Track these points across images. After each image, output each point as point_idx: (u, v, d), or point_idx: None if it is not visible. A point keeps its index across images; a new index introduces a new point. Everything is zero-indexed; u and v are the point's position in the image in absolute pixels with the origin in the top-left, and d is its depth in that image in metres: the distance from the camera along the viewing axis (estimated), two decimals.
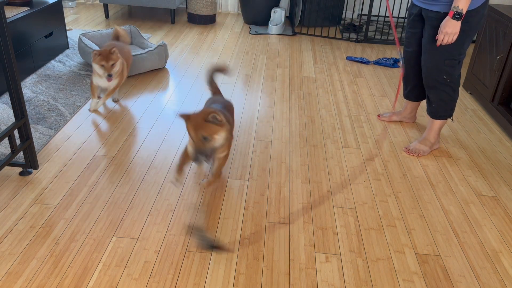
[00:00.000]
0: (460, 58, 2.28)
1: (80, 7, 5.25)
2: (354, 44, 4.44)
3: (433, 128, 2.48)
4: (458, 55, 2.26)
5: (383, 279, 1.65)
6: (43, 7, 3.31)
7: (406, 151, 2.49)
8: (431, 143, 2.49)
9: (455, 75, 2.32)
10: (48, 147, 2.36)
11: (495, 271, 1.72)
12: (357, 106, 3.04)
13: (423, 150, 2.47)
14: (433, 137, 2.49)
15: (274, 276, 1.63)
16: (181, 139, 2.49)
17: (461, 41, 2.22)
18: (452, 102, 2.40)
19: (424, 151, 2.47)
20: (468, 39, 2.23)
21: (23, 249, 1.68)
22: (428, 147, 2.48)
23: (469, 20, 2.17)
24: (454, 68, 2.30)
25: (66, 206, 1.92)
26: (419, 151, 2.47)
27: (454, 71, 2.31)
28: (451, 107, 2.42)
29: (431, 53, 2.30)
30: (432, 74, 2.34)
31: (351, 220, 1.94)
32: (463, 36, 2.20)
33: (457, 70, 2.31)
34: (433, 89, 2.39)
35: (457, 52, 2.25)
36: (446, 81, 2.33)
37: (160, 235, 1.79)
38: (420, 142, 2.50)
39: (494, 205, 2.10)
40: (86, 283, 1.55)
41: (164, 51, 3.41)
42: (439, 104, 2.41)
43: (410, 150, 2.49)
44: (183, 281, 1.58)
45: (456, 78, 2.34)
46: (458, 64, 2.30)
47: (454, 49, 2.24)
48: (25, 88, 2.99)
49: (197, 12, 4.74)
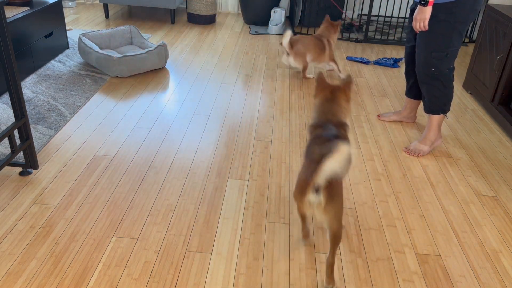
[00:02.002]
0: (448, 51, 2.28)
1: (80, 7, 5.25)
2: (354, 44, 4.44)
3: (431, 124, 2.49)
4: (445, 48, 2.27)
5: (383, 279, 1.65)
6: (43, 7, 3.31)
7: (406, 152, 2.49)
8: (431, 141, 2.49)
9: (443, 69, 2.33)
10: (48, 147, 2.36)
11: (495, 271, 1.72)
12: (357, 106, 3.04)
13: (423, 150, 2.47)
14: (432, 134, 2.49)
15: (274, 276, 1.63)
16: (181, 139, 2.50)
17: (448, 33, 2.23)
18: (444, 97, 2.41)
19: (424, 151, 2.47)
20: (455, 31, 2.23)
21: (23, 249, 1.68)
22: (428, 146, 2.49)
23: (453, 11, 2.18)
24: (441, 61, 2.31)
25: (66, 206, 1.92)
26: (419, 151, 2.47)
27: (442, 64, 2.31)
28: (444, 103, 2.43)
29: (420, 46, 2.34)
30: (422, 67, 2.37)
31: (351, 220, 1.94)
32: (449, 27, 2.22)
33: (445, 63, 2.31)
34: (424, 84, 2.41)
35: (444, 44, 2.26)
36: (434, 74, 2.34)
37: (160, 235, 1.79)
38: (420, 142, 2.51)
39: (494, 205, 2.10)
40: (86, 283, 1.55)
41: (164, 51, 3.41)
42: (431, 99, 2.43)
43: (410, 150, 2.49)
44: (183, 281, 1.58)
45: (446, 73, 2.34)
46: (446, 57, 2.30)
47: (440, 41, 2.26)
48: (25, 88, 2.99)
49: (197, 12, 4.74)
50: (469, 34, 4.73)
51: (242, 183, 2.15)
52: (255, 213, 1.95)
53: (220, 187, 2.11)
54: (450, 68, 2.34)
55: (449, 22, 2.20)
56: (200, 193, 2.06)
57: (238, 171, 2.24)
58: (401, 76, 3.64)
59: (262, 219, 1.92)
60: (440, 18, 2.21)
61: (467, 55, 4.26)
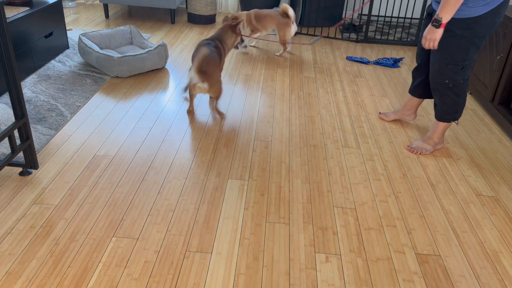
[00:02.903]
0: (464, 64, 2.23)
1: (80, 7, 5.25)
2: (354, 44, 4.44)
3: (437, 129, 2.48)
4: (462, 61, 2.22)
5: (383, 279, 1.65)
6: (43, 7, 3.31)
7: (409, 149, 2.50)
8: (434, 143, 2.49)
9: (458, 80, 2.29)
10: (48, 147, 2.36)
11: (495, 271, 1.72)
12: (357, 106, 3.04)
13: (425, 149, 2.48)
14: (436, 137, 2.49)
15: (274, 276, 1.63)
16: (181, 139, 2.50)
17: (464, 48, 2.17)
18: (456, 106, 2.38)
19: (427, 149, 2.48)
20: (473, 46, 2.17)
21: (23, 249, 1.68)
22: (431, 146, 2.49)
23: (471, 27, 2.11)
24: (457, 74, 2.26)
25: (66, 206, 1.92)
26: (422, 149, 2.47)
27: (457, 76, 2.27)
28: (456, 111, 2.40)
29: (435, 56, 2.29)
30: (436, 77, 2.33)
31: (351, 220, 1.94)
32: (466, 42, 2.16)
33: (460, 75, 2.27)
34: (437, 92, 2.38)
35: (460, 58, 2.21)
36: (448, 85, 2.31)
37: (160, 235, 1.79)
38: (423, 141, 2.51)
39: (494, 205, 2.10)
40: (86, 283, 1.55)
41: (164, 51, 3.42)
42: (442, 107, 2.40)
43: (413, 148, 2.49)
44: (183, 281, 1.58)
45: (461, 83, 2.30)
46: (462, 70, 2.25)
47: (457, 54, 2.21)
48: (25, 88, 2.99)
49: (197, 12, 4.74)
50: None
51: (242, 183, 2.15)
52: (255, 213, 1.95)
53: (220, 187, 2.11)
54: (465, 79, 2.30)
55: (466, 37, 2.14)
56: (200, 193, 2.06)
57: (238, 171, 2.24)
58: (401, 76, 3.64)
59: (262, 219, 1.92)
60: (456, 33, 2.15)
61: None
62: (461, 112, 2.42)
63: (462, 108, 2.40)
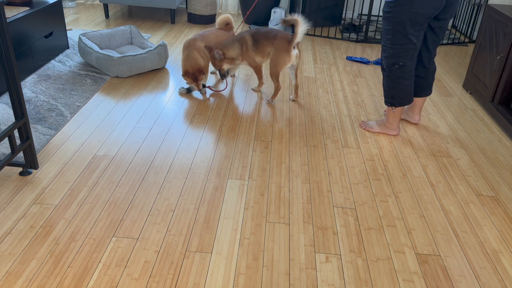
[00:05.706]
0: (393, 48, 2.38)
1: (80, 7, 5.25)
2: (354, 44, 4.44)
3: (387, 113, 2.63)
4: (390, 44, 2.38)
5: (383, 279, 1.65)
6: (43, 7, 3.32)
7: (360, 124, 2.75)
8: (384, 126, 2.65)
9: (389, 64, 2.44)
10: (48, 147, 2.36)
11: (495, 271, 1.72)
12: (357, 106, 3.04)
13: (372, 127, 2.68)
14: (387, 121, 2.64)
15: (274, 276, 1.63)
16: (181, 139, 2.50)
17: (389, 30, 2.36)
18: (391, 90, 2.51)
19: (373, 128, 2.68)
20: (395, 31, 2.33)
21: (23, 249, 1.68)
22: (379, 126, 2.66)
23: (390, 10, 2.29)
24: (388, 57, 2.43)
25: (66, 206, 1.92)
26: (370, 127, 2.68)
27: (388, 60, 2.44)
28: (392, 96, 2.52)
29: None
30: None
31: (351, 220, 1.94)
32: (389, 24, 2.34)
33: (390, 59, 2.42)
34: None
35: (389, 40, 2.39)
36: (383, 66, 2.50)
37: (160, 235, 1.79)
38: (376, 121, 2.70)
39: (494, 205, 2.10)
40: (86, 283, 1.55)
41: (164, 51, 3.42)
42: (383, 87, 2.58)
43: (363, 123, 2.73)
44: (183, 281, 1.58)
45: (392, 68, 2.43)
46: (391, 53, 2.39)
47: (385, 35, 2.41)
48: (25, 88, 2.99)
49: (197, 12, 4.74)
50: (469, 34, 4.73)
51: (242, 183, 2.15)
52: (255, 213, 1.95)
53: (220, 187, 2.11)
54: (399, 65, 2.41)
55: (388, 20, 2.32)
56: (200, 193, 2.06)
57: (238, 171, 2.24)
58: None
59: (262, 219, 1.92)
60: (385, 15, 2.35)
61: (467, 55, 4.26)
62: (401, 101, 2.52)
63: (400, 97, 2.51)
